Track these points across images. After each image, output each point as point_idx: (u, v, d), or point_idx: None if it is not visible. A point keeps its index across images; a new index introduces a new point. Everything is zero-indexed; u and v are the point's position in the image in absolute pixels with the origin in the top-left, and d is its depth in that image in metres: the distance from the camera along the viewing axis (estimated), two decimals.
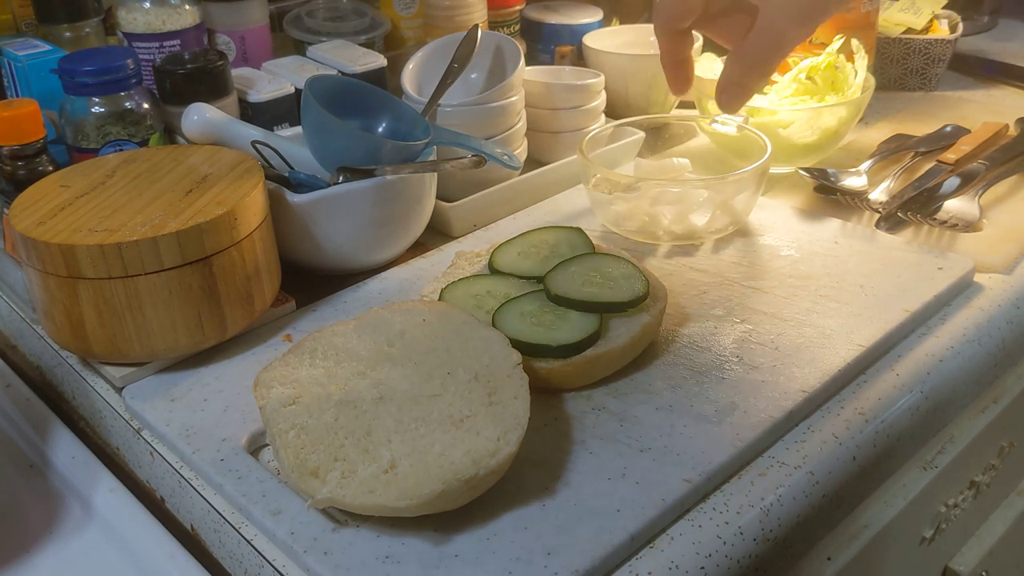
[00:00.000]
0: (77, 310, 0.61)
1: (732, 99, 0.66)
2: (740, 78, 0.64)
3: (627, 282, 0.63)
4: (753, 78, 0.65)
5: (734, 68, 0.64)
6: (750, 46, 0.63)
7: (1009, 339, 0.69)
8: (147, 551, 0.56)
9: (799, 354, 0.62)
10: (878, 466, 0.60)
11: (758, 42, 0.63)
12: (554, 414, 0.58)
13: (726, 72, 0.65)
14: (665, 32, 0.68)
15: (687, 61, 0.69)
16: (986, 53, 1.18)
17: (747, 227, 0.78)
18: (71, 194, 0.65)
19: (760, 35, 0.63)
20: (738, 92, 0.65)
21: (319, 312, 0.71)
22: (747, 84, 0.65)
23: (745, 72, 0.64)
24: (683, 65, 0.69)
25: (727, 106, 0.66)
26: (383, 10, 1.08)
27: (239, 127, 0.76)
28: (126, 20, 0.87)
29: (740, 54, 0.64)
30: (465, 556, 0.49)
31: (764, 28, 0.62)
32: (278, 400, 0.54)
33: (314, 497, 0.50)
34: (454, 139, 0.78)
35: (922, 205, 0.80)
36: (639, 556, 0.50)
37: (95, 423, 0.67)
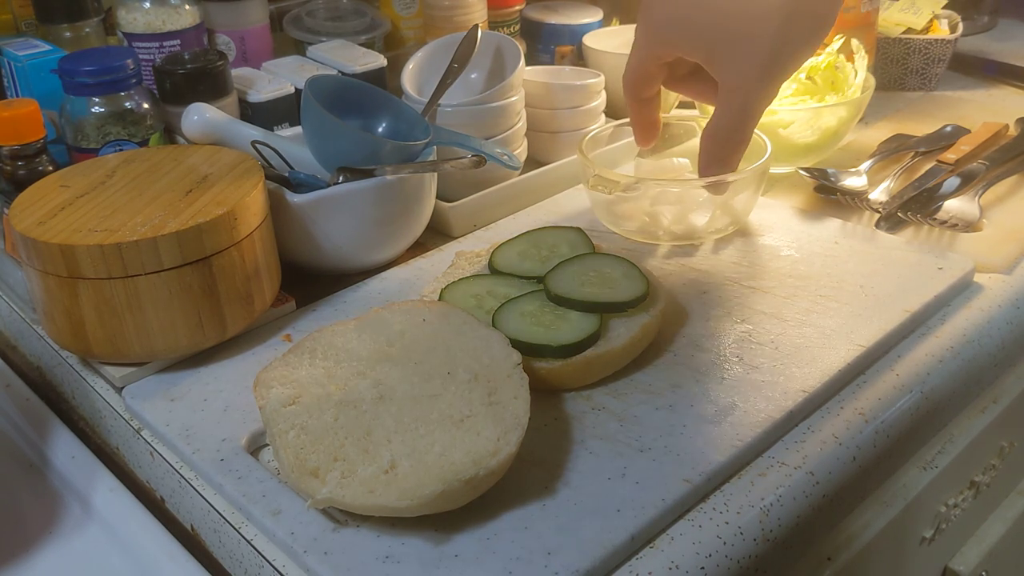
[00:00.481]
0: (77, 310, 0.61)
1: (717, 179, 0.67)
2: (718, 156, 0.64)
3: (627, 282, 0.63)
4: (730, 150, 0.64)
5: (710, 148, 0.64)
6: (718, 121, 0.62)
7: (1009, 339, 0.69)
8: (147, 551, 0.56)
9: (799, 354, 0.62)
10: (878, 466, 0.60)
11: (724, 113, 0.62)
12: (554, 414, 0.58)
13: (704, 154, 0.65)
14: (631, 100, 0.68)
15: (656, 121, 0.70)
16: (986, 53, 1.18)
17: (747, 227, 0.78)
18: (71, 194, 0.65)
19: (724, 106, 0.62)
20: (720, 171, 0.66)
21: (319, 312, 0.71)
22: (727, 158, 0.64)
23: (721, 148, 0.64)
24: (653, 126, 0.70)
25: (714, 188, 0.67)
26: (383, 10, 1.08)
27: (239, 127, 0.76)
28: (126, 20, 0.87)
29: (711, 132, 0.63)
30: (465, 556, 0.49)
31: (726, 97, 0.61)
32: (278, 400, 0.54)
33: (314, 497, 0.50)
34: (454, 139, 0.78)
35: (922, 205, 0.80)
36: (639, 556, 0.50)
37: (95, 423, 0.67)
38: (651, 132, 0.70)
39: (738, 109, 0.61)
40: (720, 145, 0.63)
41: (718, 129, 0.63)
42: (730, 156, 0.64)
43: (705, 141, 0.64)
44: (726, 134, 0.63)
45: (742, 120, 0.62)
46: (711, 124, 0.63)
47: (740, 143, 0.64)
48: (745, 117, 0.62)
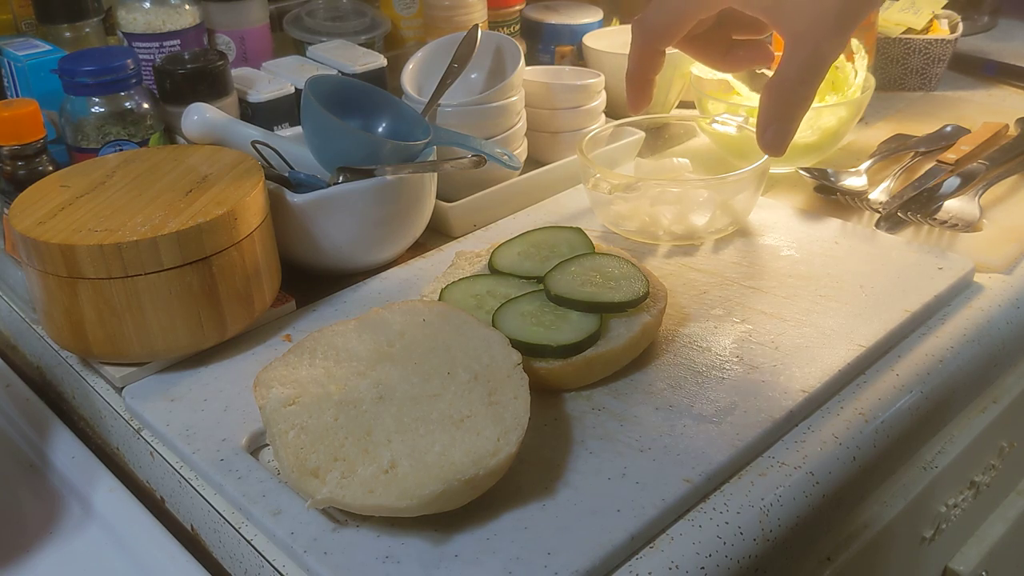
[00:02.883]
0: (77, 310, 0.61)
1: (777, 138, 0.58)
2: (781, 112, 0.58)
3: (627, 282, 0.63)
4: (796, 108, 0.58)
5: (772, 103, 0.58)
6: (784, 72, 0.56)
7: (1009, 339, 0.69)
8: (147, 551, 0.56)
9: (799, 354, 0.62)
10: (878, 466, 0.60)
11: (791, 64, 0.56)
12: (554, 414, 0.58)
13: (764, 110, 0.58)
14: (643, 49, 0.62)
15: (652, 82, 0.64)
16: (986, 53, 1.18)
17: (747, 227, 0.78)
18: (71, 194, 0.65)
19: (792, 55, 0.56)
20: (782, 128, 0.58)
21: (319, 312, 0.71)
22: (790, 116, 0.58)
23: (785, 104, 0.57)
24: (649, 85, 0.64)
25: (773, 147, 0.59)
26: (383, 10, 1.08)
27: (239, 127, 0.76)
28: (126, 20, 0.87)
29: (775, 85, 0.57)
30: (465, 556, 0.49)
31: (794, 45, 0.55)
32: (278, 400, 0.54)
33: (314, 497, 0.49)
34: (454, 139, 0.78)
35: (922, 205, 0.80)
36: (639, 556, 0.50)
37: (95, 423, 0.67)
38: (648, 93, 0.64)
39: (807, 57, 0.55)
40: (784, 100, 0.57)
41: (783, 81, 0.56)
42: (794, 112, 0.58)
43: (767, 96, 0.57)
44: (791, 86, 0.56)
45: (812, 70, 0.56)
46: (775, 78, 0.57)
47: (806, 98, 0.57)
48: (815, 67, 0.56)
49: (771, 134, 0.58)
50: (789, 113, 0.57)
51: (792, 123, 0.58)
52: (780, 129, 0.58)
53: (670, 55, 0.63)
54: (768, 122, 0.58)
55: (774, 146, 0.59)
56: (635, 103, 0.64)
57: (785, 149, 0.59)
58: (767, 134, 0.58)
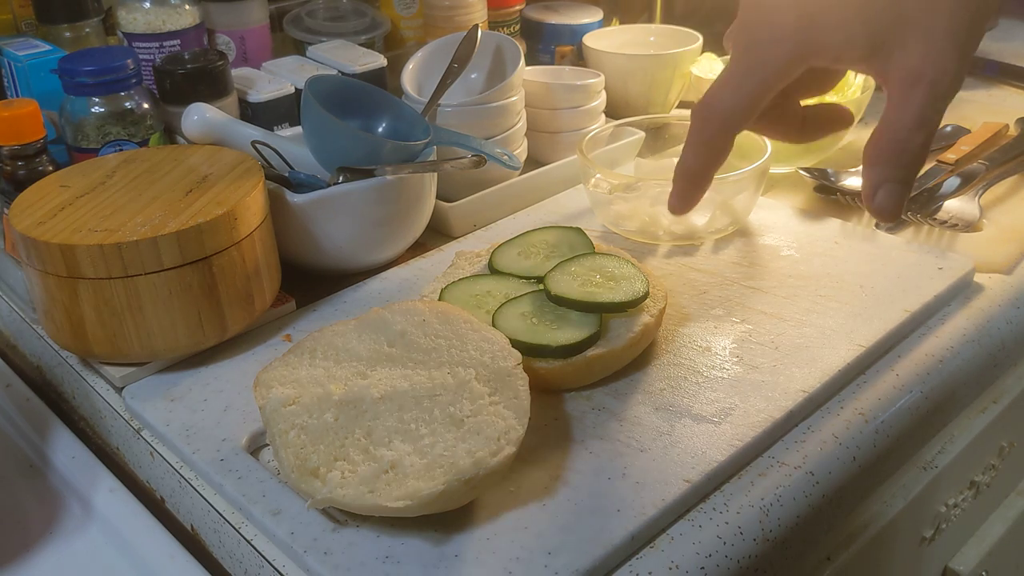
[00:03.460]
0: (77, 310, 0.61)
1: (891, 200, 0.48)
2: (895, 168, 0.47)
3: (627, 282, 0.63)
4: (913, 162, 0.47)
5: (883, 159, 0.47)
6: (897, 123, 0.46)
7: (1009, 339, 0.69)
8: (147, 551, 0.56)
9: (799, 354, 0.62)
10: (878, 466, 0.60)
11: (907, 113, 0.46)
12: (554, 414, 0.58)
13: (873, 169, 0.48)
14: (712, 140, 0.51)
15: (711, 178, 0.53)
16: (986, 53, 1.18)
17: (747, 227, 0.78)
18: (71, 194, 0.65)
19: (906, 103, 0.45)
20: (897, 189, 0.47)
21: (319, 312, 0.71)
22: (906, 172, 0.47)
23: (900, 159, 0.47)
24: (708, 183, 0.53)
25: (887, 211, 0.48)
26: (383, 10, 1.08)
27: (239, 127, 0.76)
28: (126, 20, 0.87)
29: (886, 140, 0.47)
30: (465, 556, 0.49)
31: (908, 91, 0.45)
32: (278, 400, 0.54)
33: (314, 497, 0.50)
34: (454, 139, 0.78)
35: (922, 205, 0.81)
36: (639, 556, 0.50)
37: (95, 423, 0.67)
38: (703, 192, 0.54)
39: (924, 98, 0.45)
40: (898, 154, 0.46)
41: (896, 131, 0.46)
42: (911, 166, 0.47)
43: (875, 151, 0.47)
44: (906, 136, 0.46)
45: (931, 113, 0.46)
46: (883, 129, 0.47)
47: (923, 146, 0.46)
48: (934, 109, 0.46)
49: (884, 196, 0.47)
50: (905, 169, 0.47)
51: (909, 180, 0.48)
52: (895, 190, 0.47)
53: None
54: (879, 182, 0.47)
55: (888, 210, 0.48)
56: (687, 204, 0.54)
57: (900, 214, 0.50)
58: (879, 196, 0.48)
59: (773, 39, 0.48)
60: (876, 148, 0.47)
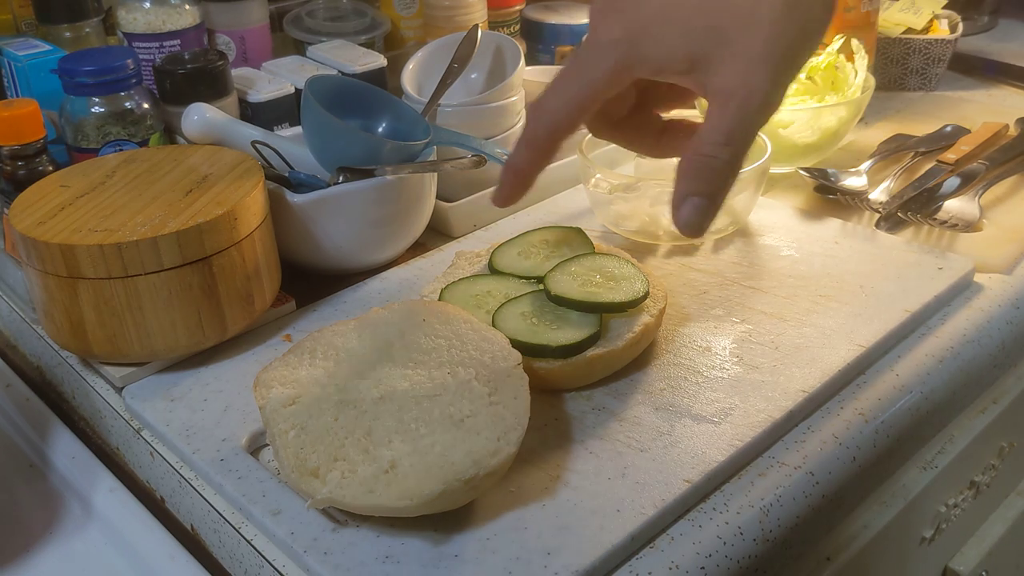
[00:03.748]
0: (77, 310, 0.61)
1: (696, 215, 0.47)
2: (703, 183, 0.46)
3: (627, 282, 0.63)
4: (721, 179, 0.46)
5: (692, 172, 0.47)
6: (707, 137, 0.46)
7: (1009, 339, 0.69)
8: (147, 551, 0.56)
9: (799, 354, 0.62)
10: (878, 466, 0.60)
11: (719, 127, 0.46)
12: (554, 414, 0.58)
13: (681, 180, 0.47)
14: (538, 140, 0.51)
15: (536, 177, 0.52)
16: (986, 53, 1.18)
17: (747, 227, 0.78)
18: (71, 194, 0.65)
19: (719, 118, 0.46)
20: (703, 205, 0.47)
21: (319, 312, 0.71)
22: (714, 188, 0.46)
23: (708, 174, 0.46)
24: (533, 180, 0.52)
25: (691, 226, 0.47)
26: (383, 10, 1.08)
27: (239, 127, 0.76)
28: (126, 20, 0.87)
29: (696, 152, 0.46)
30: (465, 556, 0.49)
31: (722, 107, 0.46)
32: (278, 400, 0.54)
33: (314, 497, 0.50)
34: (454, 139, 0.78)
35: (922, 205, 0.80)
36: (639, 556, 0.50)
37: (95, 423, 0.67)
38: (528, 188, 0.53)
39: (735, 116, 0.45)
40: (707, 168, 0.46)
41: (706, 144, 0.46)
42: (719, 183, 0.47)
43: (685, 163, 0.47)
44: (715, 151, 0.46)
45: (741, 131, 0.46)
46: (696, 142, 0.46)
47: (732, 165, 0.46)
48: (745, 128, 0.46)
49: (689, 210, 0.47)
50: (709, 184, 0.46)
51: (716, 198, 0.47)
52: (700, 205, 0.46)
53: None
54: (684, 195, 0.47)
55: (692, 224, 0.47)
56: (511, 196, 0.53)
57: (705, 230, 0.47)
58: (684, 210, 0.47)
59: (600, 48, 0.49)
60: (685, 161, 0.47)
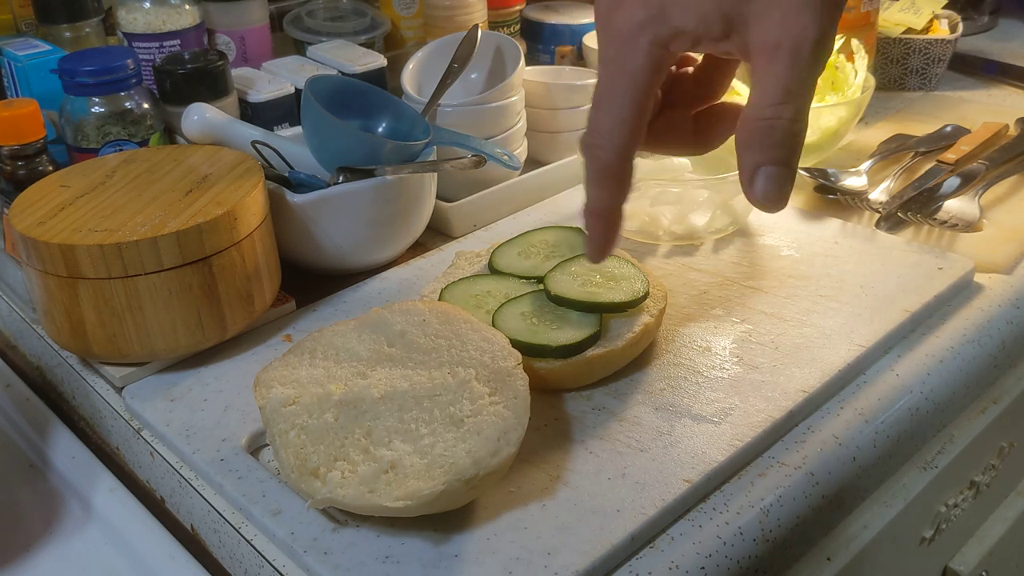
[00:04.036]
0: (77, 310, 0.61)
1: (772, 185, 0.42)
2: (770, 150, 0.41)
3: (627, 282, 0.63)
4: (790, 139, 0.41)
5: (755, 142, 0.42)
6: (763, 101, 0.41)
7: (1009, 339, 0.69)
8: (147, 551, 0.56)
9: (799, 354, 0.62)
10: (878, 466, 0.60)
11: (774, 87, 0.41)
12: (554, 414, 0.58)
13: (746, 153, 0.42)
14: (612, 169, 0.45)
15: (623, 210, 0.46)
16: (986, 53, 1.18)
17: (747, 227, 0.78)
18: (71, 194, 0.65)
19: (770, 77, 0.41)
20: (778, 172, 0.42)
21: (319, 312, 0.71)
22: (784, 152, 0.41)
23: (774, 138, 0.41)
24: (621, 217, 0.46)
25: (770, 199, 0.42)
26: (383, 10, 1.08)
27: (239, 127, 0.76)
28: (126, 20, 0.87)
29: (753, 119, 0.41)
30: (465, 556, 0.49)
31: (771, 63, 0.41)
32: (278, 400, 0.54)
33: (314, 497, 0.50)
34: (454, 139, 0.78)
35: (922, 205, 0.80)
36: (639, 556, 0.50)
37: (95, 423, 0.67)
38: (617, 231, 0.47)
39: (787, 73, 0.40)
40: (771, 132, 0.41)
41: (763, 110, 0.41)
42: (788, 144, 0.41)
43: (745, 133, 0.42)
44: (775, 112, 0.41)
45: (795, 87, 0.41)
46: (749, 110, 0.42)
47: (797, 121, 0.41)
48: (799, 81, 0.41)
49: (763, 183, 0.42)
50: (779, 149, 0.42)
51: (789, 162, 0.42)
52: (774, 174, 0.42)
53: None
54: (754, 167, 0.42)
55: (771, 197, 0.42)
56: (606, 245, 0.47)
57: (787, 200, 0.43)
58: (758, 184, 0.42)
59: (627, 38, 0.43)
60: (745, 131, 0.42)
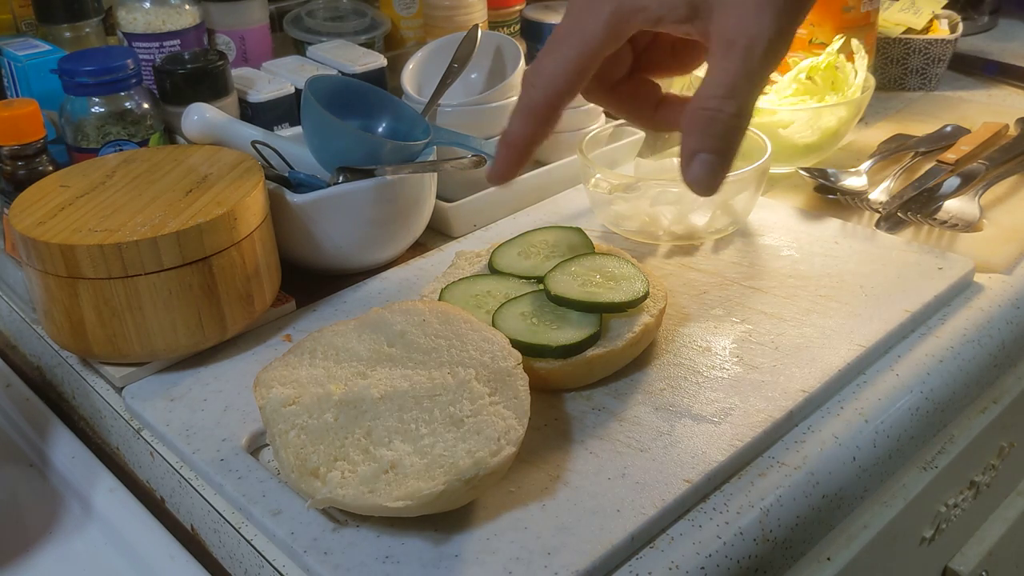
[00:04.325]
0: (77, 310, 0.61)
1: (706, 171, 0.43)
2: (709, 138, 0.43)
3: (627, 282, 0.63)
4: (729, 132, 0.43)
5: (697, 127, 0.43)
6: (710, 90, 0.43)
7: (1009, 339, 0.69)
8: (147, 551, 0.56)
9: (799, 354, 0.62)
10: (878, 466, 0.60)
11: (722, 77, 0.42)
12: (554, 414, 0.58)
13: (688, 136, 0.44)
14: (536, 107, 0.47)
15: (535, 149, 0.49)
16: (986, 53, 1.18)
17: (747, 227, 0.78)
18: (71, 194, 0.65)
19: (721, 68, 0.42)
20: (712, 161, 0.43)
21: (319, 312, 0.71)
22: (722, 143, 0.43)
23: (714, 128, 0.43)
24: (531, 153, 0.49)
25: (702, 183, 0.44)
26: (383, 10, 1.08)
27: (239, 127, 0.76)
28: (126, 20, 0.87)
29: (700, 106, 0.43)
30: (465, 556, 0.49)
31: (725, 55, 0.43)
32: (278, 400, 0.54)
33: (314, 497, 0.50)
34: (454, 139, 0.78)
35: (922, 205, 0.80)
36: (639, 556, 0.50)
37: (95, 423, 0.67)
38: (525, 162, 0.49)
39: (736, 69, 0.42)
40: (712, 121, 0.43)
41: (710, 98, 0.42)
42: (727, 136, 0.43)
43: (691, 119, 0.43)
44: (719, 104, 0.42)
45: (742, 84, 0.42)
46: (699, 96, 0.43)
47: (739, 116, 0.43)
48: (747, 79, 0.42)
49: (698, 168, 0.43)
50: (717, 139, 0.43)
51: (725, 154, 0.43)
52: (708, 162, 0.43)
53: None
54: (692, 152, 0.43)
55: (701, 182, 0.43)
56: (507, 171, 0.48)
57: (716, 188, 0.44)
58: (692, 168, 0.43)
59: (592, 3, 0.45)
60: (689, 117, 0.44)
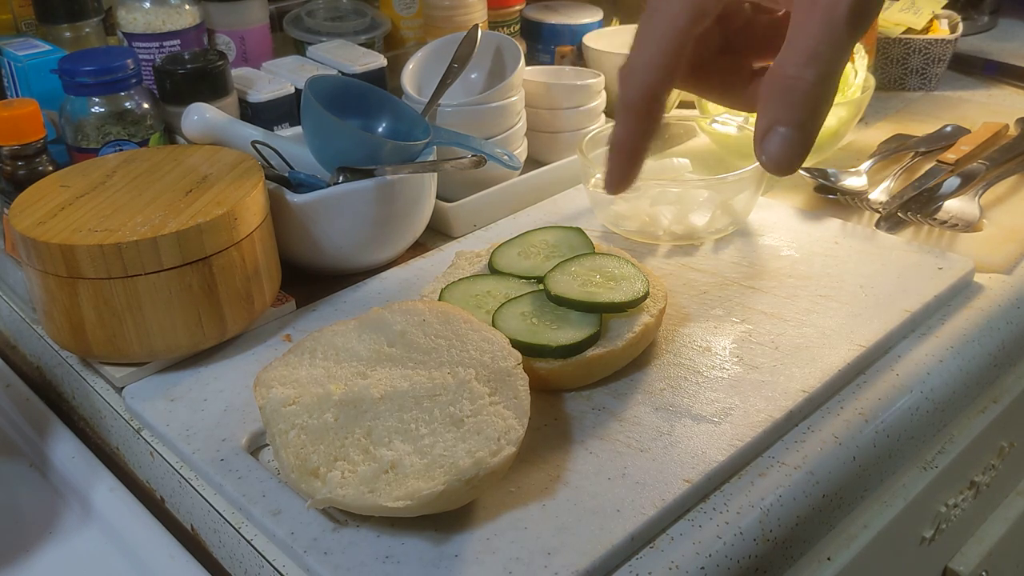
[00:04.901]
0: (77, 310, 0.61)
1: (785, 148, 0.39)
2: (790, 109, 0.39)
3: (627, 282, 0.63)
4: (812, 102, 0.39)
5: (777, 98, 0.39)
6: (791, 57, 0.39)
7: (1009, 339, 0.69)
8: (147, 551, 0.56)
9: (799, 354, 0.62)
10: (878, 466, 0.60)
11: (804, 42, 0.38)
12: (554, 414, 0.58)
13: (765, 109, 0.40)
14: (639, 103, 0.43)
15: (646, 149, 0.44)
16: (986, 53, 1.18)
17: (747, 227, 0.78)
18: (71, 194, 0.65)
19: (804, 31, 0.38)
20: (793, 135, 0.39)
21: (319, 312, 0.71)
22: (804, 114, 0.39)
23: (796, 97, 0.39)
24: (643, 156, 0.45)
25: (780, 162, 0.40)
26: (383, 10, 1.08)
27: (239, 127, 0.76)
28: (126, 20, 0.87)
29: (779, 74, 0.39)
30: (465, 556, 0.49)
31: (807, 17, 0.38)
32: (278, 400, 0.54)
33: (314, 497, 0.50)
34: (454, 139, 0.78)
35: (922, 205, 0.80)
36: (639, 556, 0.50)
37: (95, 423, 0.67)
38: (639, 166, 0.45)
39: (817, 33, 0.38)
40: (793, 90, 0.39)
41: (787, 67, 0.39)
42: (810, 107, 0.39)
43: (769, 89, 0.39)
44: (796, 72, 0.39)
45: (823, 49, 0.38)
46: (778, 65, 0.39)
47: (816, 87, 0.39)
48: (828, 43, 0.38)
49: (775, 144, 0.39)
50: (796, 110, 0.39)
51: (806, 127, 0.39)
52: (787, 136, 0.39)
53: None
54: (768, 125, 0.40)
55: (779, 160, 0.40)
56: (623, 178, 0.45)
57: (797, 167, 0.40)
58: (769, 143, 0.40)
59: None
60: (766, 86, 0.40)
